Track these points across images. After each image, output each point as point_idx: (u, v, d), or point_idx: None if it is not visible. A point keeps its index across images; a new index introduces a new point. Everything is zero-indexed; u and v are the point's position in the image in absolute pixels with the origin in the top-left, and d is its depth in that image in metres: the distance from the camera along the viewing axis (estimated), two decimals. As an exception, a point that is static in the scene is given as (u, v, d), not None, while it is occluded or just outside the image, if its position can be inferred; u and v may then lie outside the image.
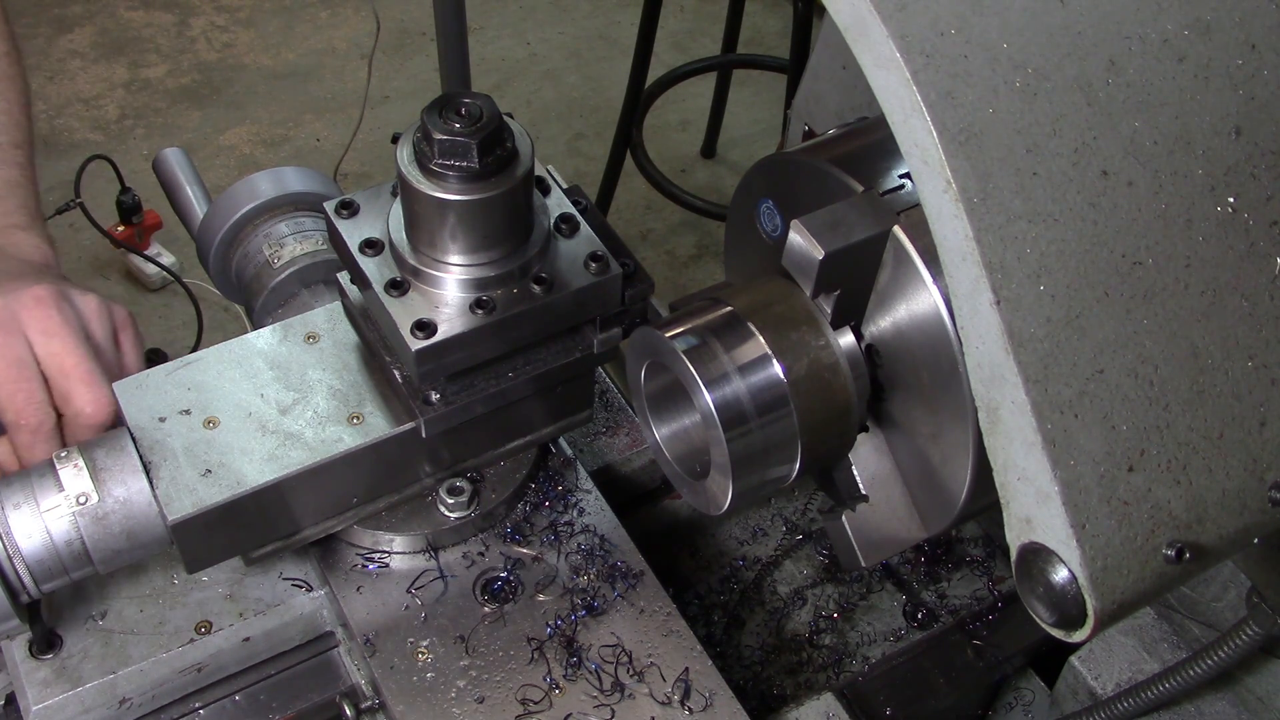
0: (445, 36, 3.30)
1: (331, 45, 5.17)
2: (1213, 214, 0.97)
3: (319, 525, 1.37)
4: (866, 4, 0.91)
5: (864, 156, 1.17)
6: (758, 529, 1.74)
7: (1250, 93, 0.99)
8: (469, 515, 1.44)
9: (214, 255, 1.72)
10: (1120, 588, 0.93)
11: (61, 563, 1.22)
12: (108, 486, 1.23)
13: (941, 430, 1.10)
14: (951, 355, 1.04)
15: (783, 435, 1.14)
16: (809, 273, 1.09)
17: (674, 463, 1.27)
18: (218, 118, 4.78)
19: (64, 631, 1.38)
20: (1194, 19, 0.99)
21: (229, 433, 1.29)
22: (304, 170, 1.73)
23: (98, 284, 4.03)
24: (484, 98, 1.19)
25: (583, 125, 4.88)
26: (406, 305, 1.24)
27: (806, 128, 1.62)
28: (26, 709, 1.32)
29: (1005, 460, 0.95)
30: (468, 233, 1.22)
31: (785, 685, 1.59)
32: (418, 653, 1.36)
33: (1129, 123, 0.96)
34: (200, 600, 1.41)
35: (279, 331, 1.39)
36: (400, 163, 1.20)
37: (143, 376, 1.33)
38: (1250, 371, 0.97)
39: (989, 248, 0.91)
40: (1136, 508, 0.93)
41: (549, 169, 1.42)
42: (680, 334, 1.15)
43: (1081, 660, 1.49)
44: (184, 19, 5.21)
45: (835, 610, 1.65)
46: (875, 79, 0.93)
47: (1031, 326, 0.91)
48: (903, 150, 0.94)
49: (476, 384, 1.33)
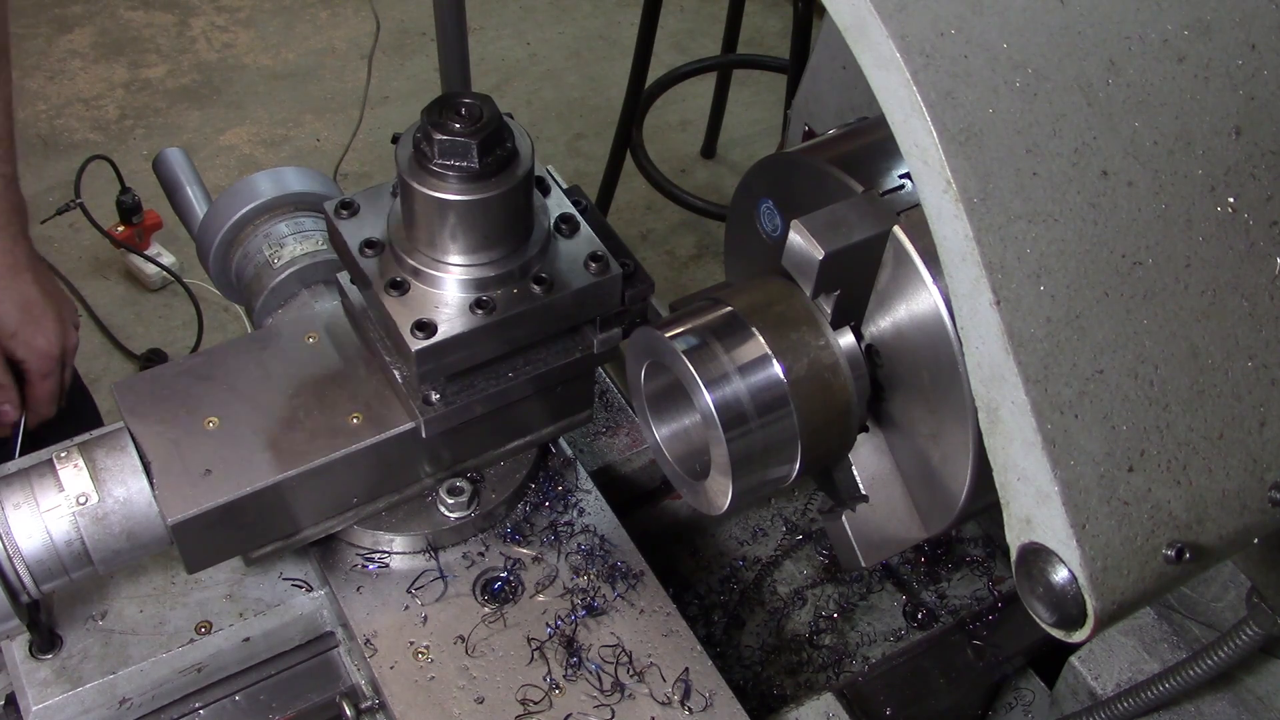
0: (445, 36, 3.29)
1: (331, 45, 5.16)
2: (1213, 214, 0.97)
3: (319, 525, 1.37)
4: (866, 4, 0.91)
5: (864, 156, 1.17)
6: (758, 529, 1.74)
7: (1250, 93, 0.99)
8: (469, 515, 1.44)
9: (214, 255, 1.72)
10: (1120, 588, 0.93)
11: (61, 563, 1.22)
12: (108, 486, 1.23)
13: (941, 430, 1.10)
14: (951, 355, 1.04)
15: (783, 435, 1.14)
16: (809, 273, 1.09)
17: (674, 463, 1.27)
18: (218, 118, 4.78)
19: (64, 631, 1.38)
20: (1194, 19, 0.99)
21: (229, 433, 1.29)
22: (304, 170, 1.73)
23: (98, 284, 4.03)
24: (484, 98, 1.19)
25: (583, 125, 4.87)
26: (406, 305, 1.24)
27: (806, 128, 1.62)
28: (26, 709, 1.32)
29: (1005, 460, 0.95)
30: (468, 233, 1.22)
31: (785, 685, 1.59)
32: (418, 653, 1.36)
33: (1129, 123, 0.96)
34: (200, 600, 1.41)
35: (279, 331, 1.39)
36: (400, 163, 1.20)
37: (143, 376, 1.33)
38: (1250, 371, 0.97)
39: (989, 248, 0.90)
40: (1136, 508, 0.93)
41: (549, 169, 1.42)
42: (680, 334, 1.15)
43: (1081, 660, 1.49)
44: (184, 19, 5.21)
45: (835, 610, 1.65)
46: (875, 79, 0.93)
47: (1031, 326, 0.91)
48: (903, 150, 0.94)
49: (476, 384, 1.33)
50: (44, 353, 1.82)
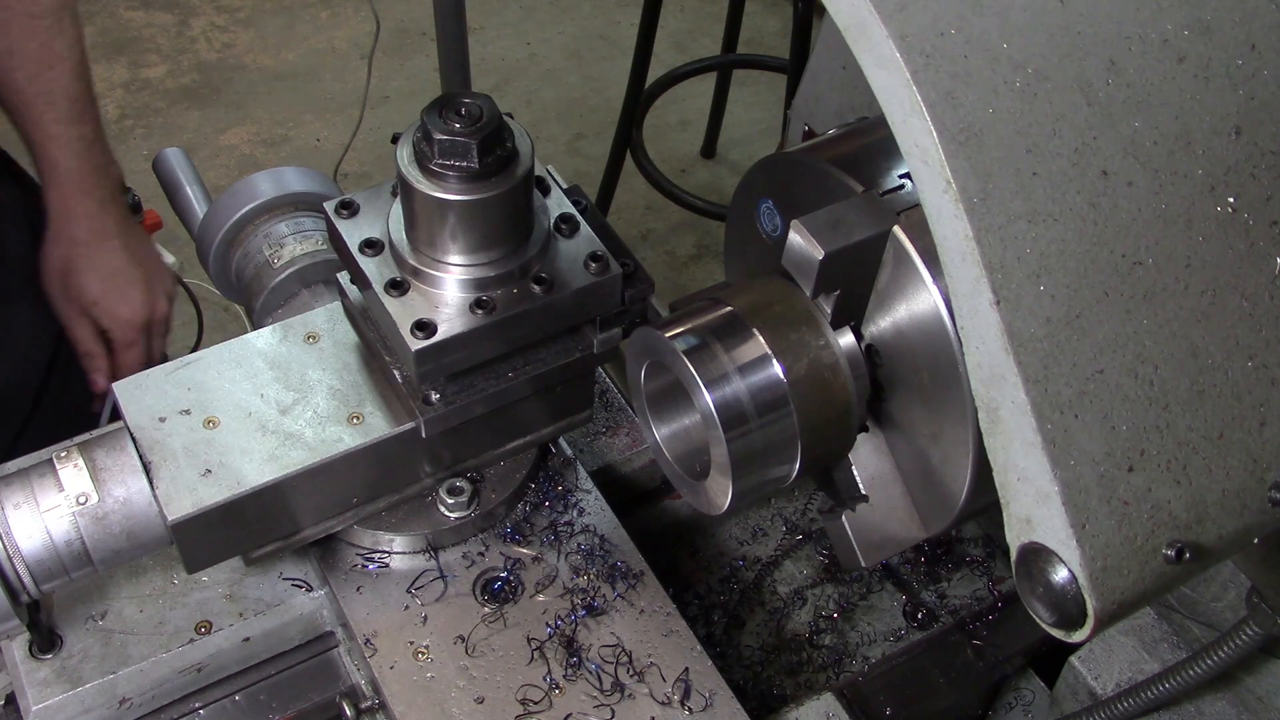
0: (445, 36, 3.29)
1: (331, 45, 5.16)
2: (1213, 214, 0.97)
3: (319, 525, 1.37)
4: (866, 4, 0.91)
5: (864, 156, 1.17)
6: (758, 529, 1.74)
7: (1250, 93, 0.99)
8: (469, 515, 1.44)
9: (214, 255, 1.72)
10: (1120, 588, 0.93)
11: (61, 563, 1.22)
12: (108, 486, 1.23)
13: (941, 430, 1.10)
14: (951, 355, 1.04)
15: (783, 435, 1.14)
16: (809, 273, 1.09)
17: (674, 463, 1.27)
18: (218, 118, 4.78)
19: (64, 631, 1.38)
20: (1194, 19, 0.99)
21: (229, 433, 1.29)
22: (304, 170, 1.74)
23: (98, 284, 4.03)
24: (484, 98, 1.19)
25: (583, 125, 4.87)
26: (406, 305, 1.24)
27: (806, 128, 1.62)
28: (26, 709, 1.32)
29: (1005, 460, 0.95)
30: (468, 233, 1.22)
31: (785, 685, 1.59)
32: (418, 653, 1.36)
33: (1129, 123, 0.96)
34: (200, 600, 1.41)
35: (279, 331, 1.39)
36: (400, 163, 1.20)
37: (143, 376, 1.33)
38: (1250, 371, 0.97)
39: (989, 248, 0.90)
40: (1136, 508, 0.93)
41: (549, 169, 1.42)
42: (680, 334, 1.15)
43: (1081, 660, 1.49)
44: (184, 19, 5.21)
45: (835, 610, 1.65)
46: (875, 79, 0.93)
47: (1031, 326, 0.91)
48: (903, 150, 0.94)
49: (476, 384, 1.33)
50: (128, 321, 1.81)
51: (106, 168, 1.79)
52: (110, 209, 1.78)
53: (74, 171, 1.73)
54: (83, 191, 1.74)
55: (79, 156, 1.74)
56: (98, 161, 1.77)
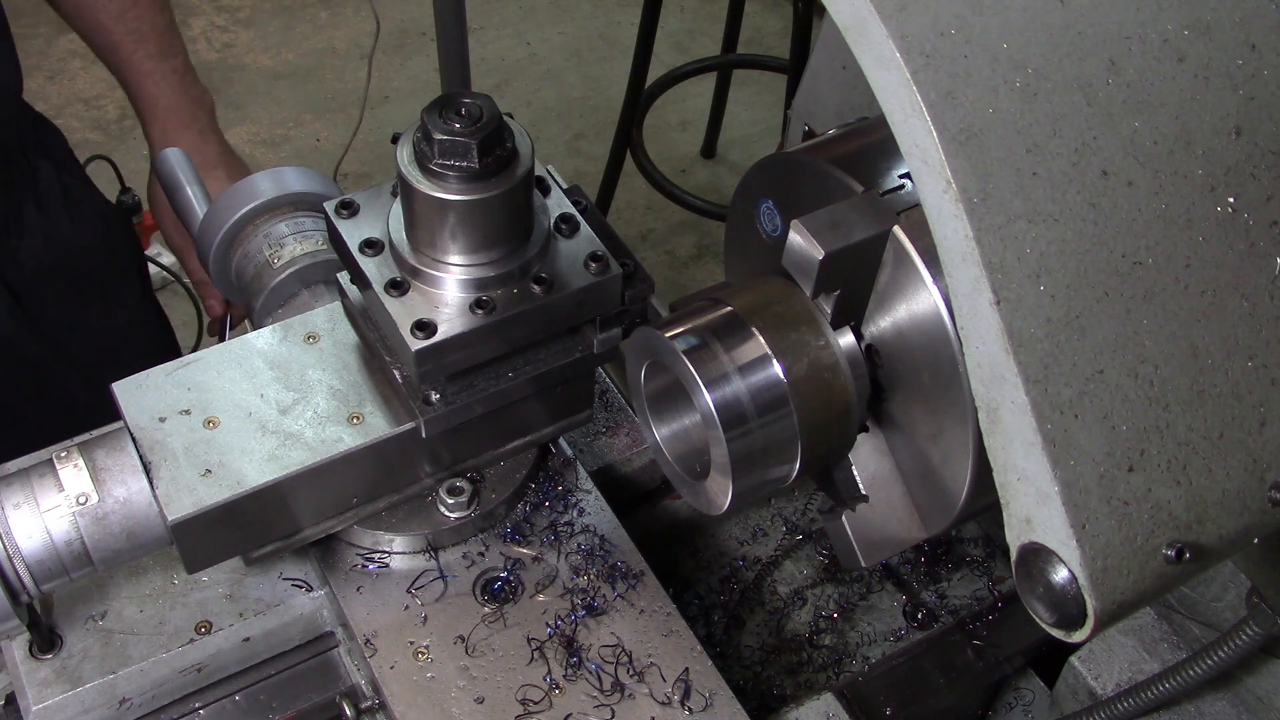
0: (445, 36, 3.30)
1: (331, 45, 5.17)
2: (1213, 214, 0.97)
3: (319, 525, 1.37)
4: (866, 4, 0.91)
5: (864, 156, 1.17)
6: (758, 529, 1.74)
7: (1250, 93, 0.99)
8: (469, 515, 1.44)
9: (214, 255, 1.72)
10: (1120, 588, 0.93)
11: (61, 563, 1.22)
12: (108, 486, 1.23)
13: (941, 430, 1.10)
14: (951, 355, 1.04)
15: (783, 435, 1.14)
16: (809, 273, 1.09)
17: (674, 463, 1.27)
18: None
19: (64, 631, 1.38)
20: (1194, 19, 0.99)
21: (229, 433, 1.29)
22: (304, 170, 1.73)
23: (98, 284, 4.03)
24: (484, 98, 1.19)
25: (583, 125, 4.88)
26: (406, 305, 1.24)
27: (806, 128, 1.62)
28: (26, 709, 1.32)
29: (1005, 460, 0.95)
30: (468, 233, 1.22)
31: (785, 685, 1.59)
32: (418, 653, 1.36)
33: (1129, 123, 0.96)
34: (200, 600, 1.41)
35: (279, 331, 1.39)
36: (400, 163, 1.20)
37: (142, 376, 1.33)
38: (1250, 371, 0.97)
39: (989, 248, 0.90)
40: (1136, 508, 0.93)
41: (549, 169, 1.42)
42: (680, 334, 1.15)
43: (1081, 660, 1.49)
44: (184, 19, 5.21)
45: (835, 610, 1.65)
46: (875, 79, 0.93)
47: (1031, 326, 0.91)
48: (903, 150, 0.94)
49: (476, 384, 1.33)
50: None
51: (201, 97, 1.79)
52: (210, 138, 1.78)
53: (172, 106, 1.73)
54: (183, 125, 1.74)
55: (174, 90, 1.73)
56: (193, 93, 1.76)
